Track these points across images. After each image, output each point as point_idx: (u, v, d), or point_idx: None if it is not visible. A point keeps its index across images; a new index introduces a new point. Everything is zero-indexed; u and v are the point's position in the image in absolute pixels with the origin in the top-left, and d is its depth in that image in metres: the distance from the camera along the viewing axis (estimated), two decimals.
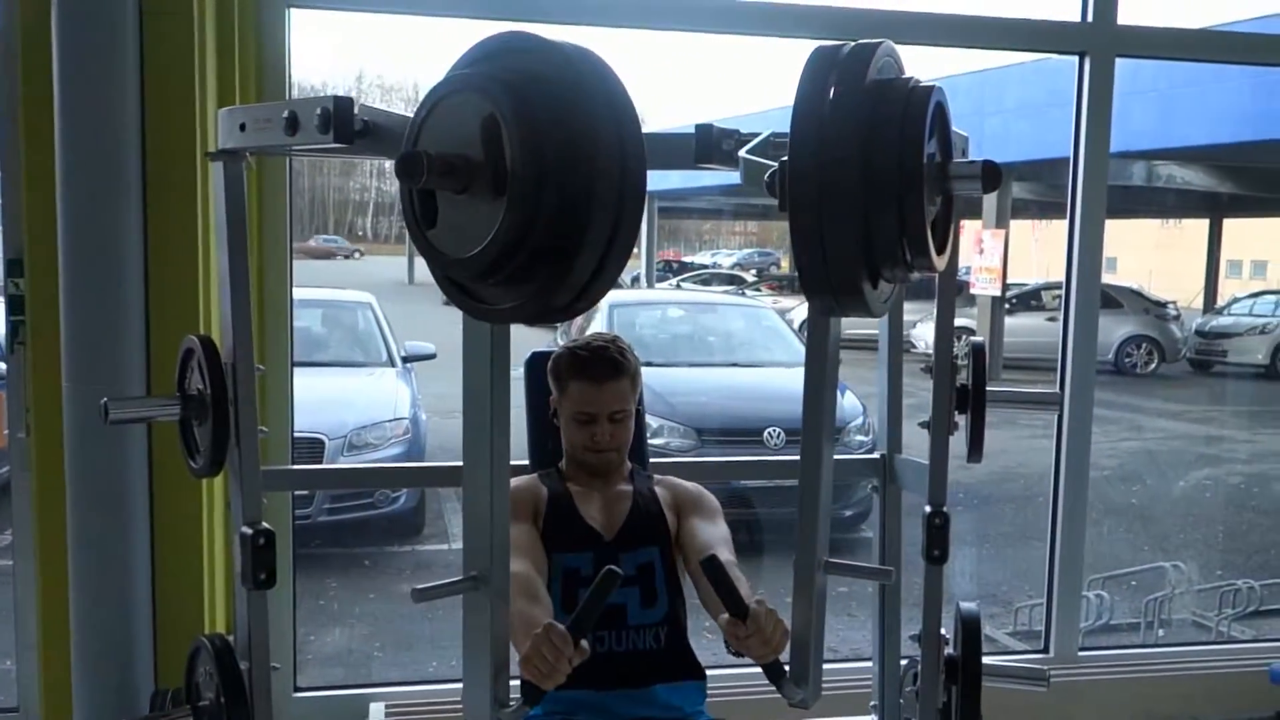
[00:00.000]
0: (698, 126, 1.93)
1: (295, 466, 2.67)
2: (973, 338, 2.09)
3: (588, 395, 2.03)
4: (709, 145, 1.92)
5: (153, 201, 2.29)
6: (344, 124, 1.58)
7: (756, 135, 1.94)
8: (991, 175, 1.39)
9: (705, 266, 22.30)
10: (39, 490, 2.35)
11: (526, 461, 2.27)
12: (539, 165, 1.23)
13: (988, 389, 2.05)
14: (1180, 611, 4.80)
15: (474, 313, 1.42)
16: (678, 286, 18.05)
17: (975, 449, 2.08)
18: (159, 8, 2.26)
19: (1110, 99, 3.16)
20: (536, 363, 2.24)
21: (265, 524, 1.81)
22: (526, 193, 1.23)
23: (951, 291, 2.04)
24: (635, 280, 18.14)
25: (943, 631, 2.14)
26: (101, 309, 2.22)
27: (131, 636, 2.28)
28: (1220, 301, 16.69)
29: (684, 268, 22.19)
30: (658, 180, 16.21)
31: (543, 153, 1.23)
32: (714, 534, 2.05)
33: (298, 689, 2.93)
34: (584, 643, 1.61)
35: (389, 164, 1.65)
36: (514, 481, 2.10)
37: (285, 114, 1.64)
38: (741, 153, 1.80)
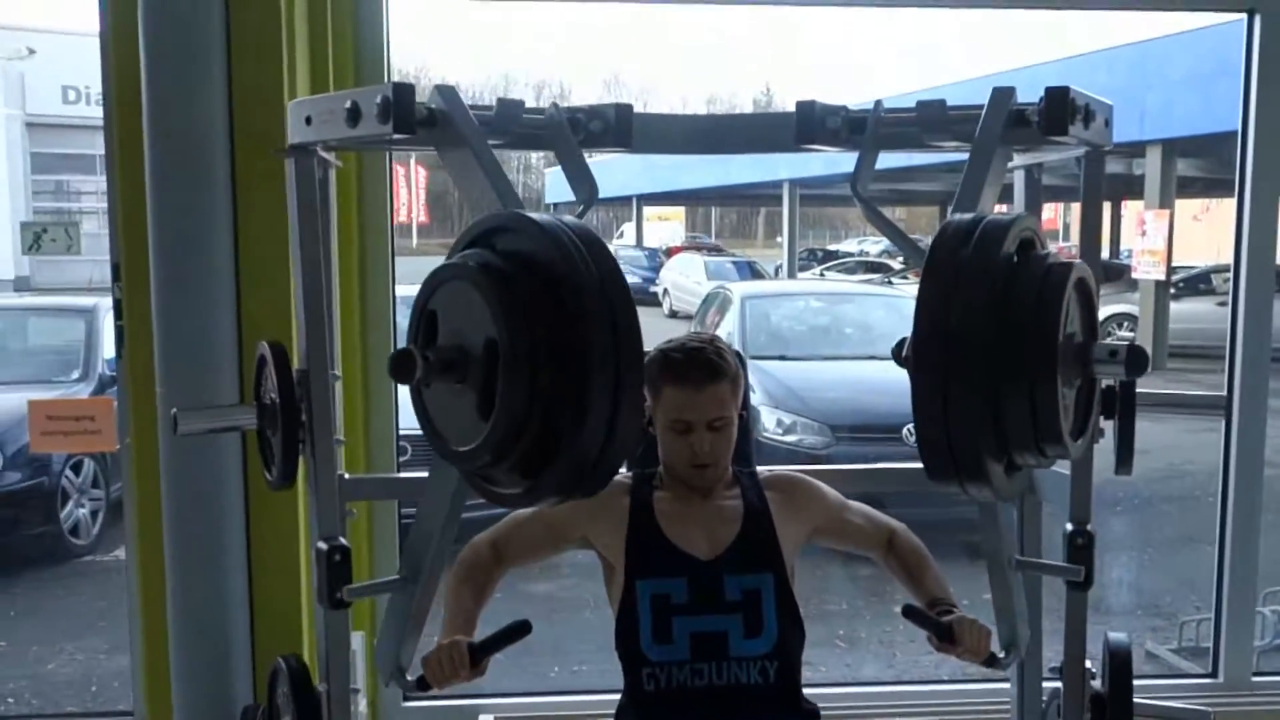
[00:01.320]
0: (799, 104, 1.75)
1: (378, 475, 2.59)
2: (1120, 333, 1.84)
3: (683, 401, 1.86)
4: (811, 124, 1.75)
5: (242, 200, 2.23)
6: (405, 113, 1.49)
7: (864, 113, 1.75)
8: (1137, 361, 1.33)
9: (850, 255, 21.84)
10: (138, 500, 2.32)
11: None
12: (530, 367, 1.25)
13: (1138, 390, 1.80)
14: None
15: (490, 497, 1.42)
16: (821, 275, 17.70)
17: (1124, 460, 1.83)
18: None
19: None
20: None
21: (342, 539, 1.73)
22: (517, 393, 1.25)
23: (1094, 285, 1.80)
24: (778, 270, 17.88)
25: (1089, 664, 1.90)
26: (191, 313, 2.17)
27: (228, 650, 2.23)
28: None
29: (828, 256, 21.79)
30: (799, 167, 15.94)
31: (534, 356, 1.25)
32: (872, 521, 2.03)
33: (407, 698, 2.86)
34: (483, 664, 1.73)
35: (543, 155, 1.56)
36: None
37: (347, 104, 1.55)
38: (855, 185, 1.70)
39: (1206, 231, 17.75)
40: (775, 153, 1.84)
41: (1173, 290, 11.95)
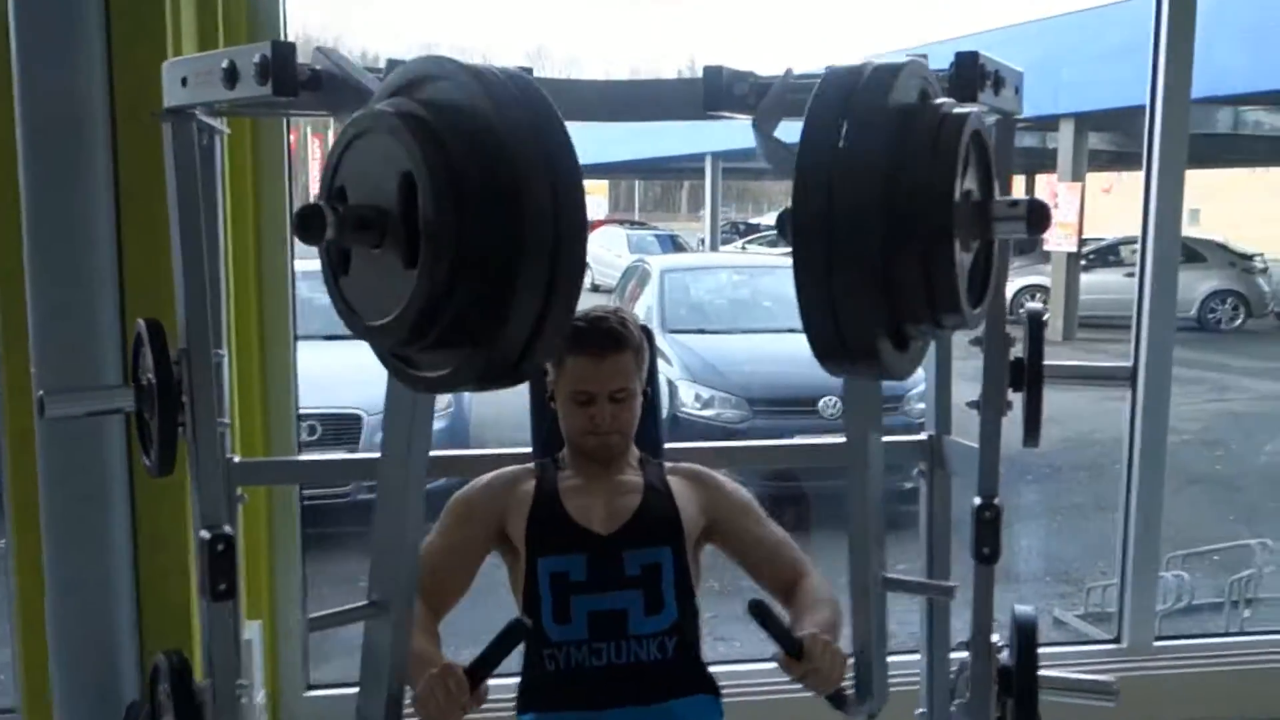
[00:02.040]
0: (706, 69, 1.69)
1: (272, 459, 2.49)
2: (1029, 304, 1.82)
3: (585, 372, 1.81)
4: (719, 91, 1.68)
5: (125, 171, 2.11)
6: (285, 74, 1.39)
7: (772, 80, 1.70)
8: (1039, 217, 1.17)
9: (772, 227, 21.92)
10: (14, 489, 2.19)
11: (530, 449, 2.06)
12: (457, 220, 1.06)
13: (1046, 363, 1.79)
14: (1269, 590, 4.45)
15: (408, 381, 1.24)
16: (743, 248, 17.73)
17: (1032, 432, 1.82)
18: None
19: (1192, 35, 2.85)
20: None
21: (226, 528, 1.63)
22: (443, 251, 1.06)
23: (1006, 254, 1.77)
24: (700, 244, 17.87)
25: (995, 638, 1.89)
26: (69, 289, 2.05)
27: (112, 645, 2.12)
28: None
29: (750, 229, 21.85)
30: (722, 139, 15.91)
31: (461, 205, 1.06)
32: (777, 541, 1.91)
33: (310, 686, 2.78)
34: (483, 687, 1.54)
35: None
36: (491, 476, 1.91)
37: (224, 64, 1.45)
38: (753, 128, 1.58)
39: (1115, 204, 18.16)
40: (683, 120, 1.77)
41: (1083, 262, 12.20)
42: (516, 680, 1.87)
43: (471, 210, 1.06)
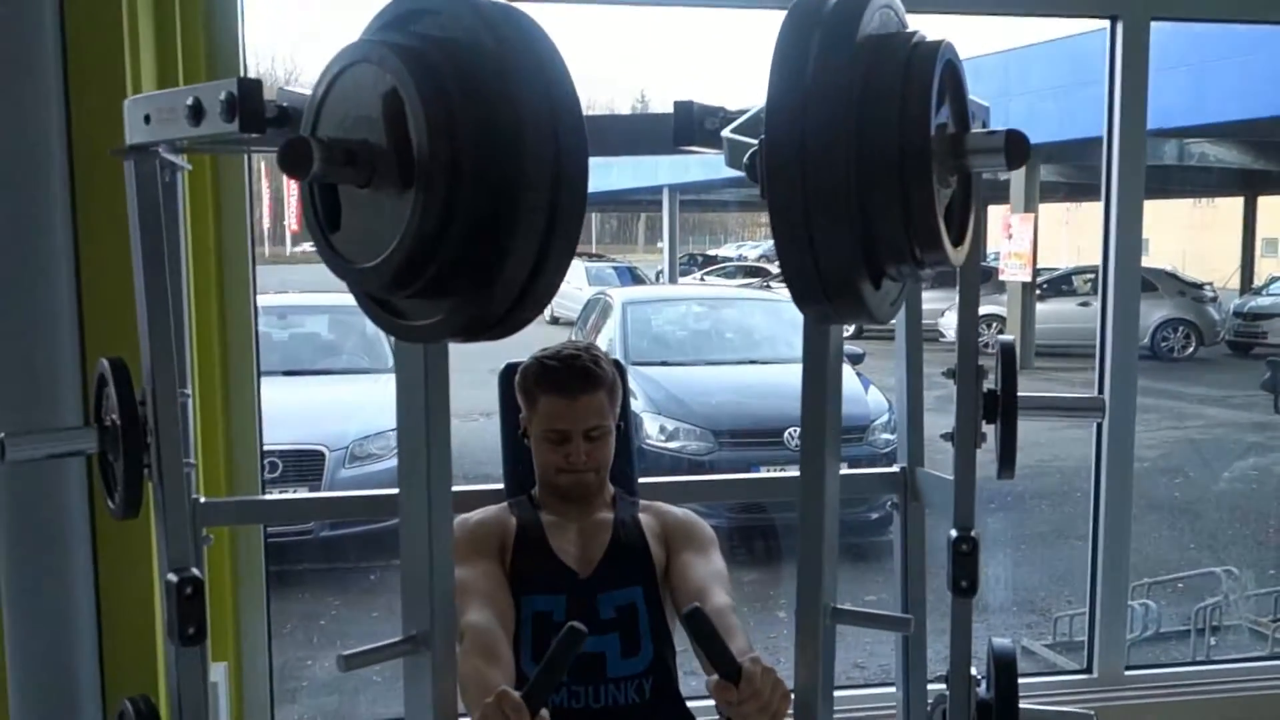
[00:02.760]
0: (676, 104, 1.69)
1: (239, 499, 2.44)
2: (1001, 336, 1.82)
3: (559, 411, 1.79)
4: (689, 125, 1.68)
5: (83, 207, 2.07)
6: (252, 111, 1.36)
7: (744, 112, 1.70)
8: (1018, 147, 1.12)
9: (730, 259, 22.03)
10: None
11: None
12: (451, 147, 1.00)
13: (1020, 395, 1.79)
14: (1232, 618, 4.50)
15: (394, 331, 1.18)
16: (702, 280, 17.79)
17: (1006, 464, 1.83)
18: None
19: (1146, 67, 2.89)
20: (509, 375, 2.00)
21: (195, 570, 1.59)
22: (437, 183, 1.00)
23: (975, 285, 1.78)
24: (659, 275, 17.92)
25: (973, 671, 1.88)
26: (26, 328, 2.01)
27: (73, 690, 2.06)
28: (1257, 281, 16.25)
29: (708, 261, 21.94)
30: (678, 173, 16.02)
31: (455, 133, 1.00)
32: (706, 571, 1.80)
33: None
34: (543, 713, 1.40)
35: None
36: (480, 513, 1.88)
37: (189, 101, 1.42)
38: (725, 131, 1.56)
39: (1068, 235, 18.46)
40: (652, 154, 1.77)
41: (1037, 291, 12.35)
42: None
43: (468, 142, 1.01)
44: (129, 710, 1.63)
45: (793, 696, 1.48)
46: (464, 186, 1.01)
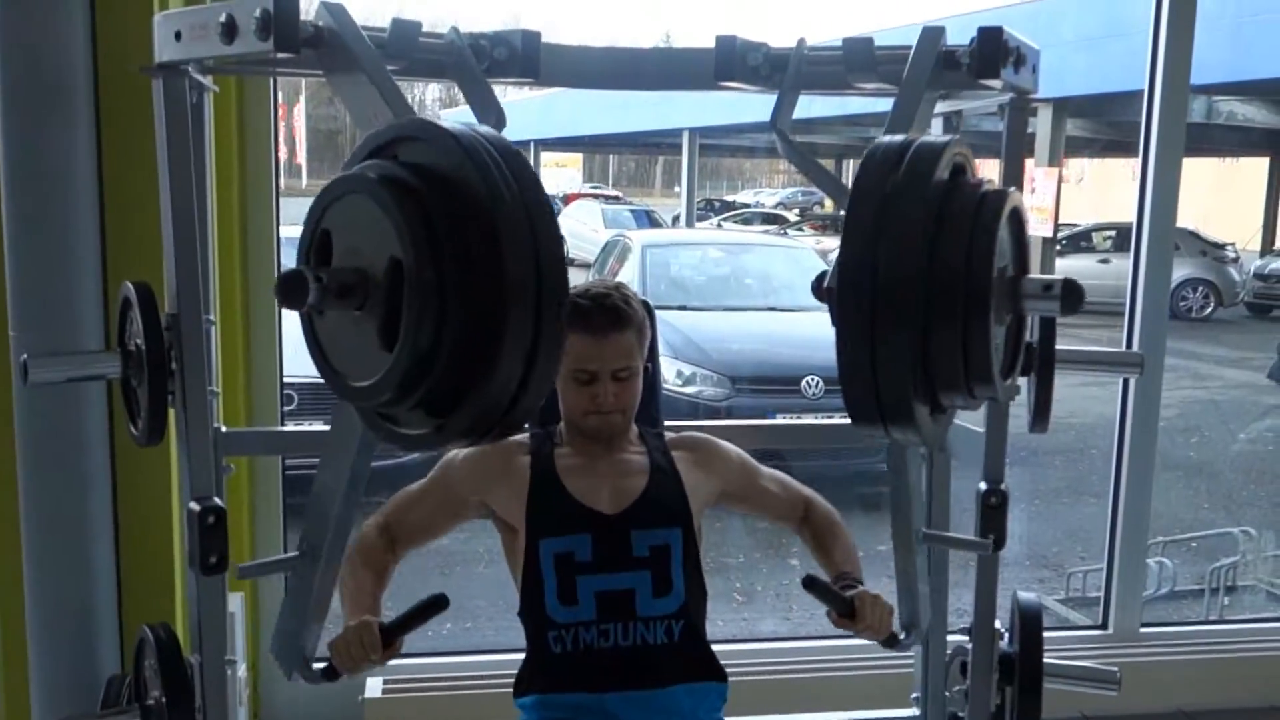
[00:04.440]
0: (719, 39, 1.64)
1: (259, 429, 2.43)
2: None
3: (587, 350, 1.75)
4: (731, 61, 1.64)
5: (107, 126, 2.04)
6: (287, 29, 1.32)
7: (787, 51, 1.65)
8: (1072, 298, 1.21)
9: (747, 206, 21.89)
10: None
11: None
12: (440, 302, 1.08)
13: (1057, 348, 1.76)
14: (1246, 578, 4.48)
15: (391, 439, 1.25)
16: (719, 225, 17.67)
17: (1041, 417, 1.79)
18: None
19: (1193, 19, 2.82)
20: None
21: (217, 500, 1.58)
22: (429, 309, 1.09)
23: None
24: (676, 220, 17.81)
25: (997, 624, 1.87)
26: (48, 250, 1.98)
27: (90, 617, 2.06)
28: (1279, 244, 16.08)
29: (725, 206, 21.80)
30: (697, 116, 15.85)
31: (445, 286, 1.08)
32: (784, 488, 1.96)
33: None
34: (396, 644, 1.61)
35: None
36: (486, 447, 1.84)
37: (222, 18, 1.38)
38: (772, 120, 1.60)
39: (1082, 191, 18.25)
40: (692, 90, 1.72)
41: (1056, 247, 12.24)
42: (510, 657, 1.83)
43: (455, 282, 1.08)
44: (149, 638, 1.62)
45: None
46: (450, 328, 1.09)
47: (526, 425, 1.96)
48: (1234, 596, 4.30)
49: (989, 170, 1.60)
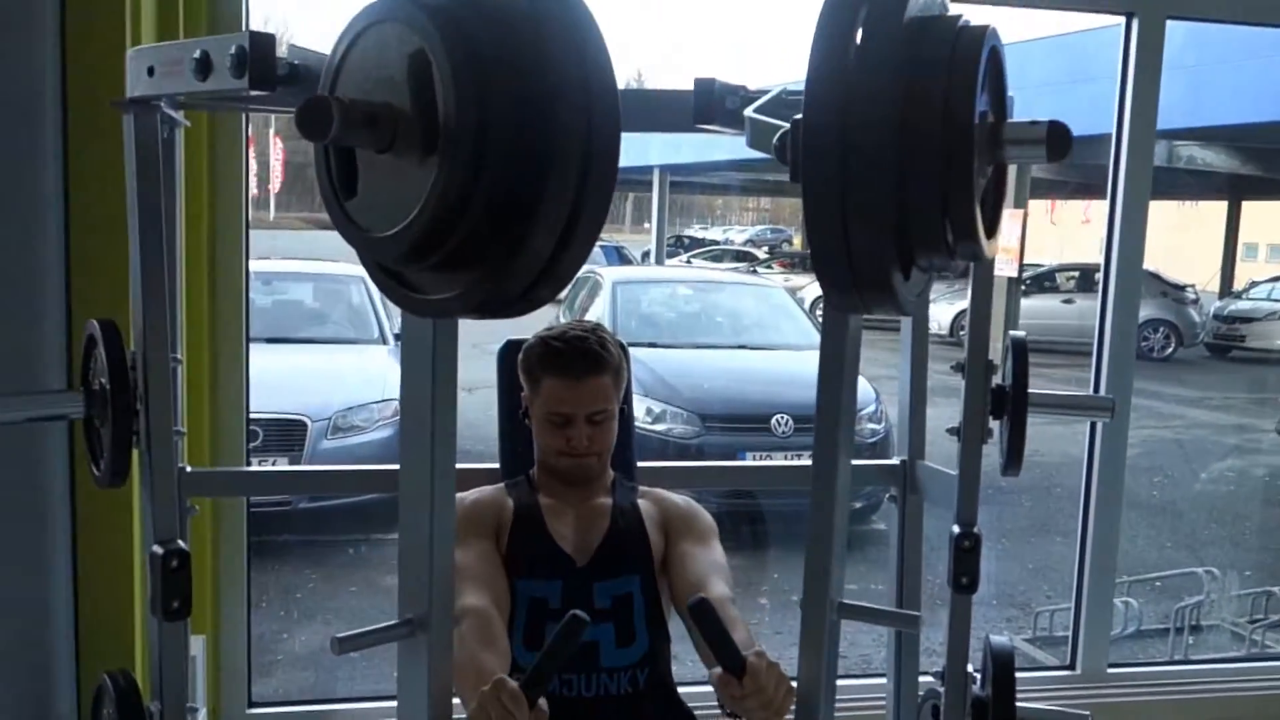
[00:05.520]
0: (697, 81, 1.65)
1: (225, 469, 2.39)
2: (1014, 332, 1.79)
3: (563, 394, 1.74)
4: (709, 103, 1.64)
5: (75, 162, 2.01)
6: (263, 66, 1.31)
7: (765, 92, 1.66)
8: (1059, 139, 1.09)
9: (717, 243, 21.99)
10: None
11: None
12: (480, 114, 0.95)
13: (1030, 391, 1.77)
14: (1211, 618, 4.51)
15: (408, 305, 1.13)
16: (688, 263, 17.74)
17: (1014, 461, 1.80)
18: None
19: (1159, 65, 2.86)
20: (509, 353, 1.96)
21: (180, 542, 1.55)
22: (463, 150, 0.95)
23: (989, 280, 1.75)
24: (646, 256, 17.87)
25: (970, 668, 1.86)
26: (11, 286, 1.95)
27: (48, 664, 2.01)
28: (1237, 285, 16.34)
29: (695, 243, 21.89)
30: (669, 154, 15.94)
31: (485, 98, 0.95)
32: (707, 562, 1.75)
33: (253, 704, 2.67)
34: (541, 703, 1.36)
35: None
36: (476, 493, 1.84)
37: (196, 54, 1.37)
38: (748, 111, 1.52)
39: (1053, 232, 18.49)
40: (671, 131, 1.73)
41: (1021, 287, 12.38)
42: None
43: (497, 110, 0.95)
44: (107, 685, 1.58)
45: (795, 689, 1.46)
46: (490, 157, 0.96)
47: (504, 477, 1.95)
48: (1199, 636, 4.33)
49: None
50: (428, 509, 1.37)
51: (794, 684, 1.46)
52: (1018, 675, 2.07)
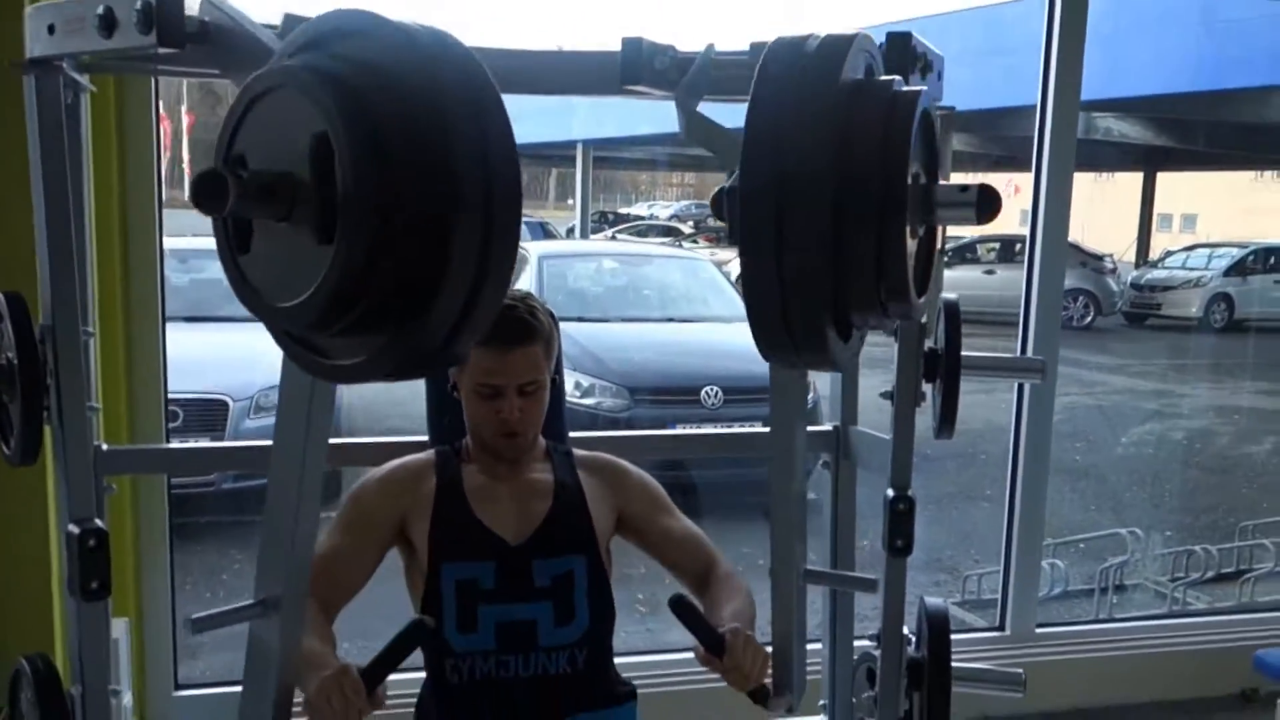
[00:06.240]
0: (624, 41, 1.61)
1: (143, 446, 2.32)
2: (945, 295, 1.79)
3: (492, 364, 1.69)
4: (637, 64, 1.60)
5: None
6: (172, 22, 1.25)
7: (694, 55, 1.63)
8: (988, 204, 1.12)
9: (642, 218, 21.96)
10: None
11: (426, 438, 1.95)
12: (380, 197, 0.94)
13: (963, 354, 1.77)
14: (1134, 577, 4.63)
15: (317, 371, 1.11)
16: (613, 238, 17.69)
17: (947, 423, 1.81)
18: None
19: (1083, 37, 2.90)
20: None
21: (98, 521, 1.49)
22: (363, 228, 0.94)
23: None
24: (570, 232, 17.77)
25: (905, 630, 1.87)
26: None
27: None
28: (1152, 255, 16.77)
29: (620, 219, 21.84)
30: (592, 128, 15.82)
31: (385, 180, 0.94)
32: (692, 534, 1.84)
33: (179, 685, 2.61)
34: (381, 689, 1.45)
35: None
36: (396, 465, 1.78)
37: (99, 10, 1.30)
38: (681, 99, 1.51)
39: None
40: (597, 94, 1.69)
41: (944, 259, 12.56)
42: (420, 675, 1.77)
43: (396, 176, 0.95)
44: (25, 669, 1.52)
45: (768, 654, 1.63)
46: (391, 226, 0.95)
47: (429, 441, 1.91)
48: (1123, 595, 4.44)
49: None
50: (296, 500, 1.39)
51: (768, 650, 1.64)
52: (966, 662, 2.11)
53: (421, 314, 1.00)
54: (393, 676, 1.46)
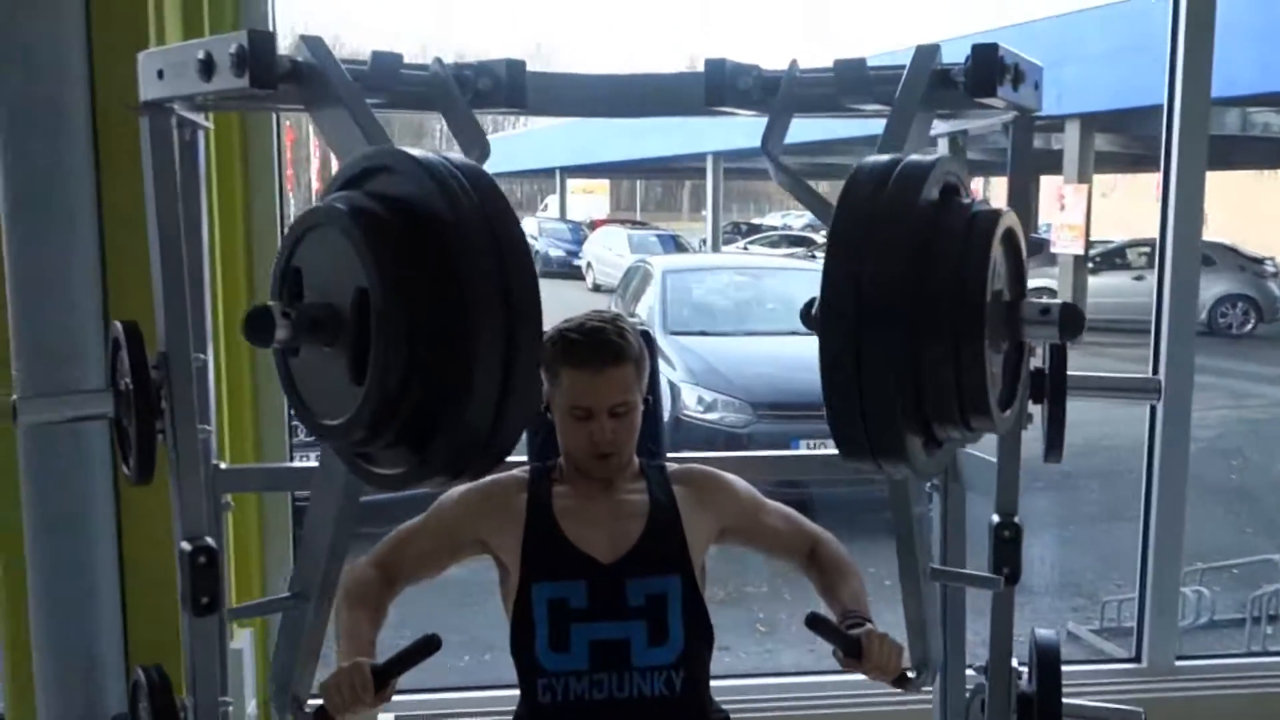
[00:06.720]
0: (708, 62, 1.61)
1: (259, 465, 2.41)
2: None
3: (583, 387, 1.71)
4: (721, 85, 1.60)
5: (107, 162, 2.02)
6: (263, 65, 1.32)
7: (779, 73, 1.61)
8: (1072, 323, 1.19)
9: (774, 228, 21.83)
10: None
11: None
12: (408, 346, 1.09)
13: (1069, 374, 1.70)
14: None
15: (371, 480, 1.26)
16: (745, 249, 17.63)
17: (1054, 447, 1.73)
18: None
19: (1212, 31, 2.75)
20: None
21: (209, 539, 1.56)
22: (390, 373, 1.10)
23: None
24: (702, 244, 17.80)
25: (1015, 663, 1.80)
26: (49, 290, 1.97)
27: (95, 658, 2.04)
28: None
29: (753, 229, 21.76)
30: (724, 139, 15.81)
31: (412, 328, 1.09)
32: (792, 527, 1.89)
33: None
34: (389, 688, 1.57)
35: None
36: (487, 483, 1.80)
37: (200, 55, 1.38)
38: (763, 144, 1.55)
39: (1115, 206, 18.04)
40: (683, 115, 1.69)
41: (1090, 264, 12.08)
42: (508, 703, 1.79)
43: (423, 311, 1.08)
44: (141, 680, 1.60)
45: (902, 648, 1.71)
46: (418, 359, 1.09)
47: (527, 459, 1.94)
48: (1277, 626, 4.16)
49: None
50: (336, 496, 1.48)
51: (904, 646, 1.71)
52: (1080, 668, 2.04)
53: (456, 426, 1.11)
54: (483, 694, 1.52)
